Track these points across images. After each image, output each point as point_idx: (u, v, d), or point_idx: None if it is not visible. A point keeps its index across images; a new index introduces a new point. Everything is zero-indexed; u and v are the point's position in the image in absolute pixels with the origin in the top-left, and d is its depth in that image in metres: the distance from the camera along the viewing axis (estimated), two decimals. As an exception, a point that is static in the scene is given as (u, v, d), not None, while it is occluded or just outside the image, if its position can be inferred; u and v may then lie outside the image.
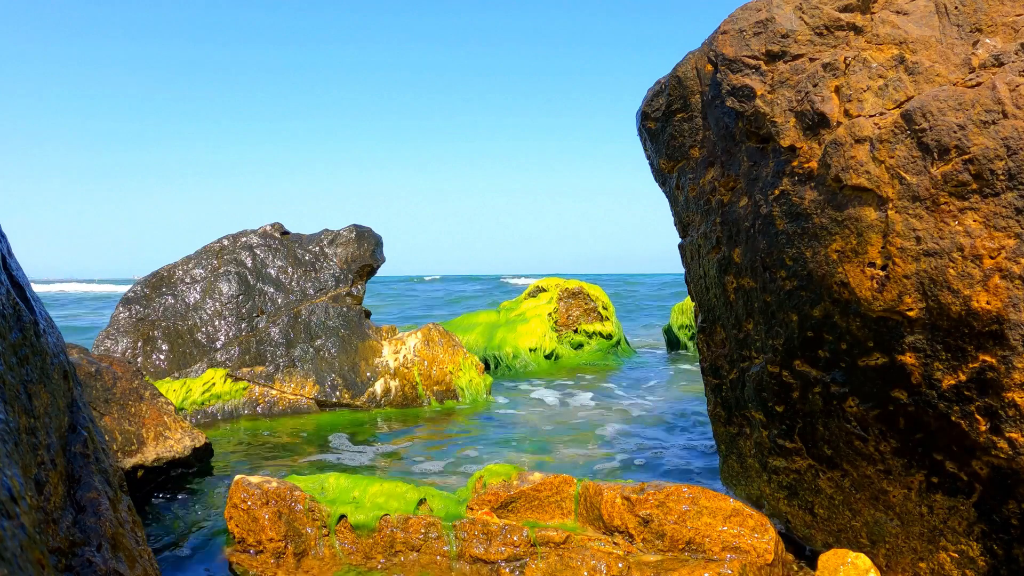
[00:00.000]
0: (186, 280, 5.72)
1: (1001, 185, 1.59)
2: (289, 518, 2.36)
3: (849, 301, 1.89)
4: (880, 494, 2.01)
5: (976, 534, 1.79)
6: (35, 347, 1.33)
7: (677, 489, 2.22)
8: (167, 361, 5.42)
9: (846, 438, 2.06)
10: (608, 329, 8.43)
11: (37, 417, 1.24)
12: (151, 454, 3.40)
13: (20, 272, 1.44)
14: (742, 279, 2.37)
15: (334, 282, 5.82)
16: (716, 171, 2.43)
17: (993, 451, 1.66)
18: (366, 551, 2.31)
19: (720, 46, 2.21)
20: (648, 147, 2.89)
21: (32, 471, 1.15)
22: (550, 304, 8.38)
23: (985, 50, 1.69)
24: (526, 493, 2.37)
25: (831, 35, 1.98)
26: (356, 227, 6.06)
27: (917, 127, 1.71)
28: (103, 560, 1.26)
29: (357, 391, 5.41)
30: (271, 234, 6.00)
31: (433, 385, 5.62)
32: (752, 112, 2.13)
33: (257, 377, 5.31)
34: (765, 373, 2.33)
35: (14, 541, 0.77)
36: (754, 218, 2.22)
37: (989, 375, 1.63)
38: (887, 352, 1.85)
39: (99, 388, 3.37)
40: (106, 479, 1.47)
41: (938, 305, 1.69)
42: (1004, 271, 1.58)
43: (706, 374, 2.84)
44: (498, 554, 2.21)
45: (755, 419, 2.48)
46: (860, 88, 1.87)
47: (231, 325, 5.57)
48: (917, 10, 1.84)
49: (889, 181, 1.76)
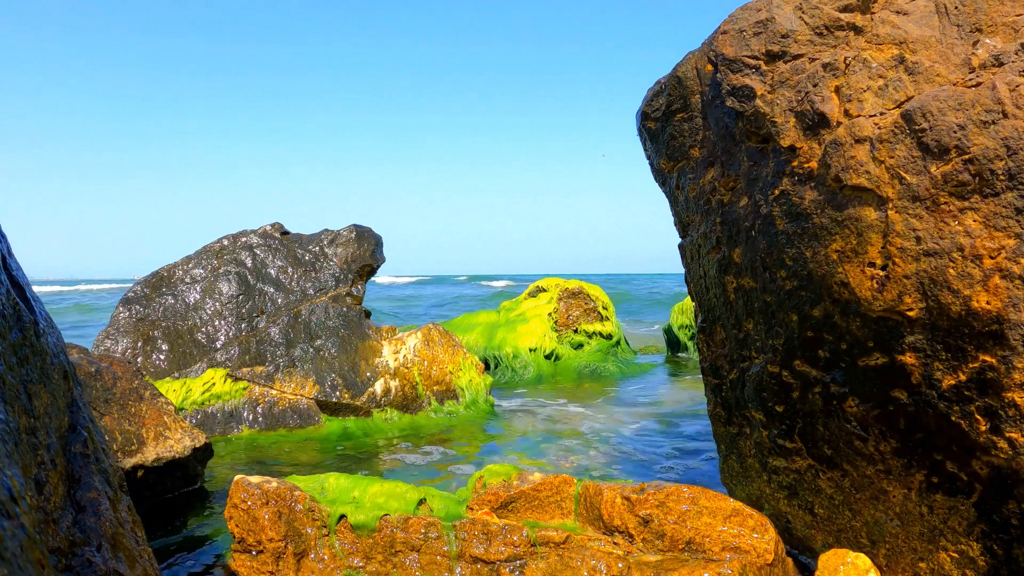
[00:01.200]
0: (186, 280, 5.72)
1: (1001, 185, 1.59)
2: (289, 518, 2.35)
3: (849, 301, 1.89)
4: (880, 494, 2.01)
5: (976, 534, 1.79)
6: (35, 347, 1.33)
7: (677, 489, 2.22)
8: (167, 361, 5.41)
9: (846, 438, 2.06)
10: (608, 329, 8.43)
11: (37, 417, 1.24)
12: (151, 454, 3.40)
13: (20, 272, 1.44)
14: (742, 279, 2.37)
15: (334, 282, 5.82)
16: (716, 171, 2.43)
17: (993, 451, 1.66)
18: (366, 551, 2.31)
19: (720, 46, 2.21)
20: (648, 147, 2.89)
21: (32, 471, 1.15)
22: (550, 304, 8.38)
23: (985, 50, 1.69)
24: (526, 493, 2.37)
25: (831, 35, 1.98)
26: (356, 227, 6.06)
27: (917, 127, 1.71)
28: (103, 560, 1.26)
29: (357, 391, 5.41)
30: (271, 234, 6.00)
31: (433, 385, 5.62)
32: (752, 112, 2.13)
33: (257, 377, 5.31)
34: (765, 373, 2.33)
35: (14, 541, 0.77)
36: (754, 218, 2.22)
37: (989, 375, 1.63)
38: (887, 352, 1.84)
39: (99, 388, 3.37)
40: (106, 479, 1.47)
41: (938, 305, 1.69)
42: (1004, 271, 1.58)
43: (706, 374, 2.84)
44: (498, 554, 2.21)
45: (755, 419, 2.47)
46: (860, 88, 1.87)
47: (231, 325, 5.57)
48: (917, 10, 1.84)
49: (889, 181, 1.76)
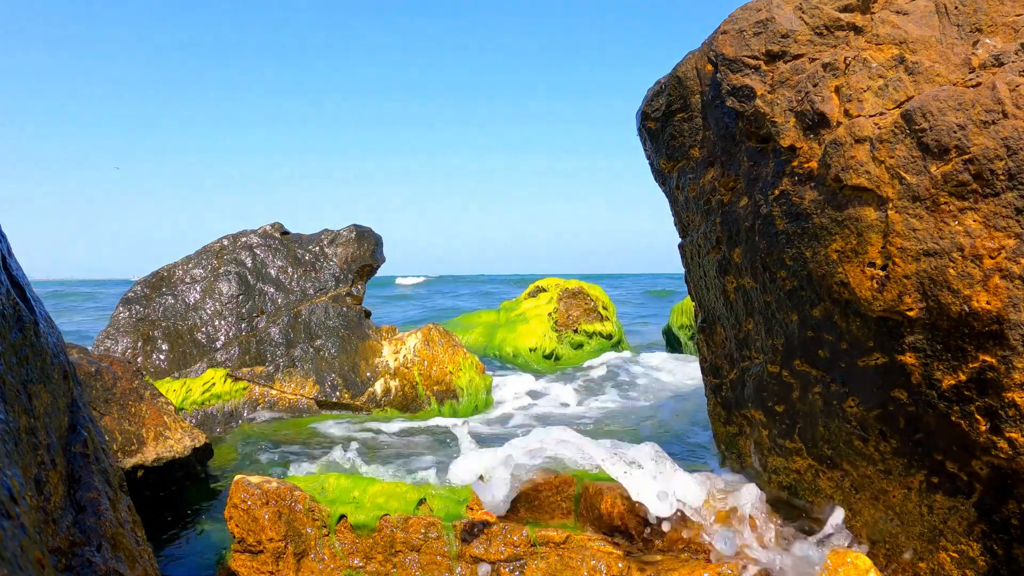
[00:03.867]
0: (186, 280, 5.72)
1: (1001, 185, 1.59)
2: (289, 518, 2.35)
3: (849, 301, 1.89)
4: (880, 494, 2.01)
5: (976, 534, 1.79)
6: (35, 347, 1.33)
7: (677, 489, 2.22)
8: (167, 361, 5.41)
9: (846, 438, 2.06)
10: (608, 329, 8.43)
11: (37, 417, 1.24)
12: (151, 454, 3.40)
13: (20, 272, 1.44)
14: (742, 279, 2.37)
15: (334, 282, 5.82)
16: (716, 171, 2.43)
17: (993, 451, 1.66)
18: (366, 551, 2.31)
19: (720, 46, 2.21)
20: (648, 147, 2.89)
21: (32, 471, 1.15)
22: (550, 304, 8.38)
23: (985, 50, 1.69)
24: (526, 493, 2.37)
25: (831, 35, 1.98)
26: (356, 227, 6.06)
27: (917, 127, 1.71)
28: (103, 560, 1.26)
29: (357, 391, 5.41)
30: (271, 234, 6.00)
31: (433, 385, 5.62)
32: (752, 112, 2.13)
33: (257, 377, 5.31)
34: (765, 373, 2.33)
35: (14, 541, 0.77)
36: (754, 218, 2.22)
37: (989, 375, 1.63)
38: (887, 352, 1.84)
39: (99, 388, 3.37)
40: (106, 479, 1.47)
41: (938, 305, 1.69)
42: (1004, 271, 1.58)
43: (706, 374, 2.84)
44: (498, 554, 2.21)
45: (755, 419, 2.47)
46: (860, 88, 1.87)
47: (231, 325, 5.57)
48: (917, 10, 1.84)
49: (889, 181, 1.76)
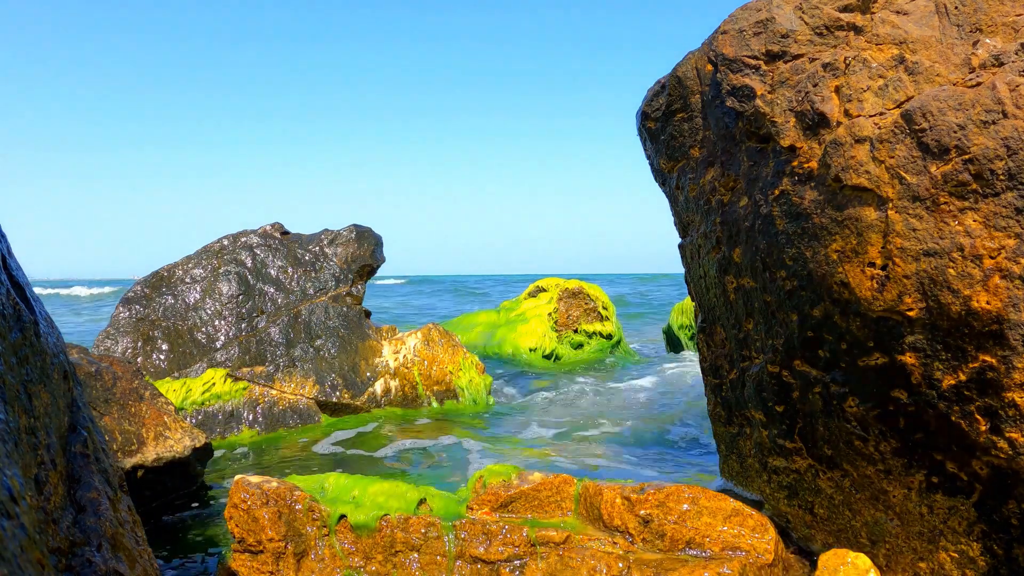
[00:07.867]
0: (186, 280, 5.71)
1: (1001, 185, 1.59)
2: (289, 518, 2.35)
3: (849, 301, 1.89)
4: (880, 494, 2.01)
5: (976, 534, 1.79)
6: (35, 347, 1.33)
7: (677, 489, 2.22)
8: (167, 361, 5.41)
9: (846, 438, 2.06)
10: (608, 329, 8.43)
11: (37, 417, 1.24)
12: (151, 454, 3.40)
13: (20, 272, 1.44)
14: (742, 279, 2.37)
15: (334, 282, 5.82)
16: (716, 171, 2.43)
17: (993, 451, 1.66)
18: (366, 551, 2.31)
19: (720, 46, 2.21)
20: (648, 147, 2.89)
21: (32, 471, 1.15)
22: (550, 304, 8.38)
23: (985, 50, 1.69)
24: (526, 493, 2.37)
25: (831, 35, 1.98)
26: (356, 227, 6.06)
27: (917, 127, 1.71)
28: (103, 560, 1.26)
29: (357, 391, 5.41)
30: (271, 234, 6.00)
31: (433, 385, 5.62)
32: (752, 112, 2.13)
33: (257, 377, 5.31)
34: (765, 373, 2.33)
35: (14, 541, 0.77)
36: (754, 218, 2.22)
37: (989, 375, 1.63)
38: (887, 352, 1.84)
39: (99, 388, 3.37)
40: (106, 479, 1.47)
41: (938, 305, 1.69)
42: (1004, 271, 1.58)
43: (706, 374, 2.84)
44: (498, 554, 2.21)
45: (755, 419, 2.47)
46: (860, 88, 1.87)
47: (231, 325, 5.57)
48: (917, 10, 1.84)
49: (889, 181, 1.76)
